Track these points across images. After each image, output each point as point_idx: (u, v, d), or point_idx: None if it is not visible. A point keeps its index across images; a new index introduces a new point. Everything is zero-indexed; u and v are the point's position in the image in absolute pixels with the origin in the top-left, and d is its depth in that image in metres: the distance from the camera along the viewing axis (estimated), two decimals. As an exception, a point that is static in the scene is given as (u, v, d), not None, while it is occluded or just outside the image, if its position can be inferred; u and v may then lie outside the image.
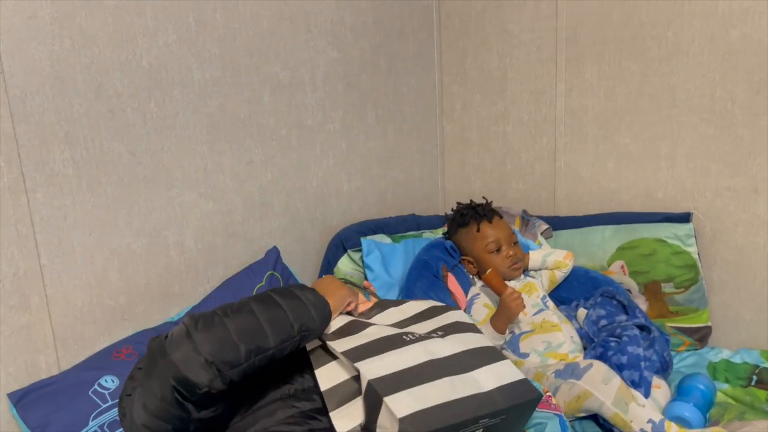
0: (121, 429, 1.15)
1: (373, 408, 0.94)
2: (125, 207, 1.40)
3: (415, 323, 1.12)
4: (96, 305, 1.37)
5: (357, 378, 0.99)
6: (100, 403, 1.22)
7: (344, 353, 1.00)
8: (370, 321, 1.12)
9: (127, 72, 1.37)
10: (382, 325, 1.10)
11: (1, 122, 1.19)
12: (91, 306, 1.36)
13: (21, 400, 1.20)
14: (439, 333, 1.07)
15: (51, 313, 1.30)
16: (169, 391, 0.92)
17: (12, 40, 1.19)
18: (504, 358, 1.05)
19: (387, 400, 0.92)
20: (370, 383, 0.94)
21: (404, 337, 1.04)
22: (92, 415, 1.20)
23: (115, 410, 1.21)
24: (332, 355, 1.04)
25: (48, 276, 1.28)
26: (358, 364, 0.97)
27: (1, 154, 1.19)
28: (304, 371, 1.12)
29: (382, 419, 0.93)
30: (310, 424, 1.03)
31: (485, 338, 1.10)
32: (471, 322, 1.13)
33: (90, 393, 1.22)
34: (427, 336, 1.05)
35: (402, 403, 0.92)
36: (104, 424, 1.19)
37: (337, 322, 1.10)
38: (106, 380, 1.25)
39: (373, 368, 0.97)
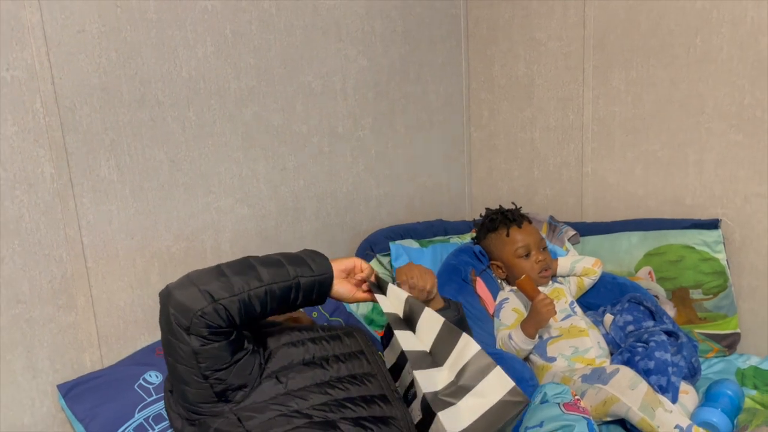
0: (166, 422, 1.21)
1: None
2: (165, 212, 1.45)
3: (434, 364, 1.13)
4: (137, 305, 1.42)
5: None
6: (145, 396, 1.27)
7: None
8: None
9: (168, 82, 1.43)
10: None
11: (53, 131, 1.25)
12: (133, 306, 1.42)
13: (70, 391, 1.26)
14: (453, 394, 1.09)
15: (96, 312, 1.36)
16: (172, 321, 1.00)
17: (62, 53, 1.25)
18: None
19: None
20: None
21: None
22: (138, 408, 1.25)
23: (160, 404, 1.26)
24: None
25: (93, 277, 1.35)
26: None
27: (51, 161, 1.25)
28: (340, 360, 1.17)
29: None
30: (343, 412, 1.08)
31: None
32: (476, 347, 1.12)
33: (135, 387, 1.28)
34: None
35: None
36: (150, 416, 1.25)
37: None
38: (150, 375, 1.31)
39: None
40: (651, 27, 1.85)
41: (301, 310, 1.52)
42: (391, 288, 1.17)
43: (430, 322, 1.11)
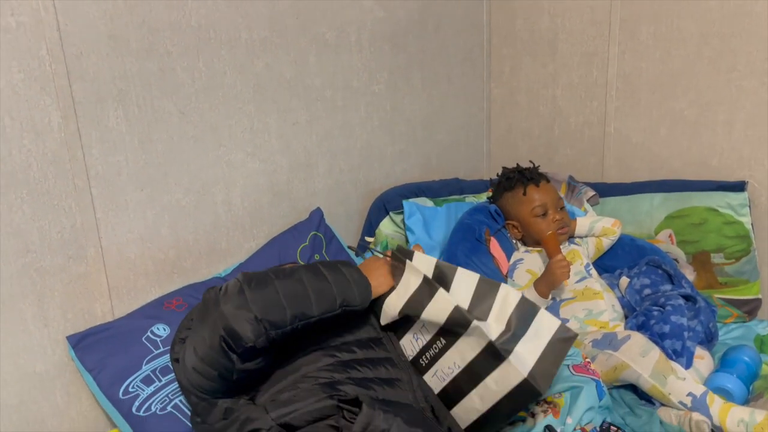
0: (172, 374, 1.22)
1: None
2: (175, 164, 1.44)
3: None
4: (147, 258, 1.42)
5: None
6: (153, 349, 1.28)
7: None
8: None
9: (177, 31, 1.39)
10: None
11: (59, 79, 1.23)
12: (143, 258, 1.42)
13: (79, 343, 1.28)
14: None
15: (106, 263, 1.36)
16: (217, 340, 0.99)
17: (68, -1, 1.22)
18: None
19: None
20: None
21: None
22: (145, 360, 1.26)
23: (167, 356, 1.27)
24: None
25: (103, 229, 1.34)
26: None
27: (59, 110, 1.24)
28: (344, 327, 1.16)
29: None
30: (349, 372, 1.08)
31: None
32: (518, 294, 1.14)
33: (143, 339, 1.29)
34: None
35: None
36: (156, 369, 1.26)
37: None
38: (158, 328, 1.32)
39: None
40: (683, -22, 1.76)
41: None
42: (418, 255, 1.18)
43: (466, 280, 1.13)
